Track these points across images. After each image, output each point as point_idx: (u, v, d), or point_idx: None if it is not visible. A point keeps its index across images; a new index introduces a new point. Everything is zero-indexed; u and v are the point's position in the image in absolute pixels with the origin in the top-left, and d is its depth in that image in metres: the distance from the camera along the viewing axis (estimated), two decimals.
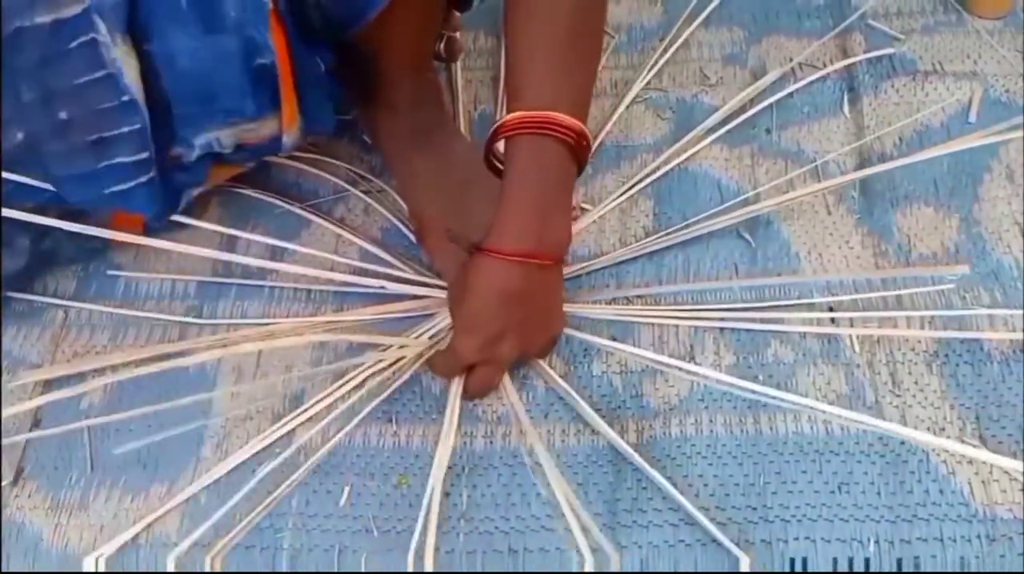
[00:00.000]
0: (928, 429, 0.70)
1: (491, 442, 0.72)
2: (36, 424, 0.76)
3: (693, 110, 0.90)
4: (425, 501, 0.67)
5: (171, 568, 0.67)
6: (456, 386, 0.74)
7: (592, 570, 0.64)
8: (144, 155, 0.72)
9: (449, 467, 0.71)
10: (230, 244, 0.85)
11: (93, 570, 0.68)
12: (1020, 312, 0.74)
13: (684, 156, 0.85)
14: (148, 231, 0.79)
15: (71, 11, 0.65)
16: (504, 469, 0.71)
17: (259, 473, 0.71)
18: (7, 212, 0.72)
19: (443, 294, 0.79)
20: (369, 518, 0.69)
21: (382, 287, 0.80)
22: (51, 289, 0.85)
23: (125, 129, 0.70)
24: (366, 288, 0.81)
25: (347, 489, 0.71)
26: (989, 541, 0.64)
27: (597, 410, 0.72)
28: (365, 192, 0.88)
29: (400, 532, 0.68)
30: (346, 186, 0.88)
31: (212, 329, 0.80)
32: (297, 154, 0.88)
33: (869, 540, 0.65)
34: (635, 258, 0.81)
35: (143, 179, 0.73)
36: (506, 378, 0.74)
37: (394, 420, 0.74)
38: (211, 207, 0.87)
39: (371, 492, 0.70)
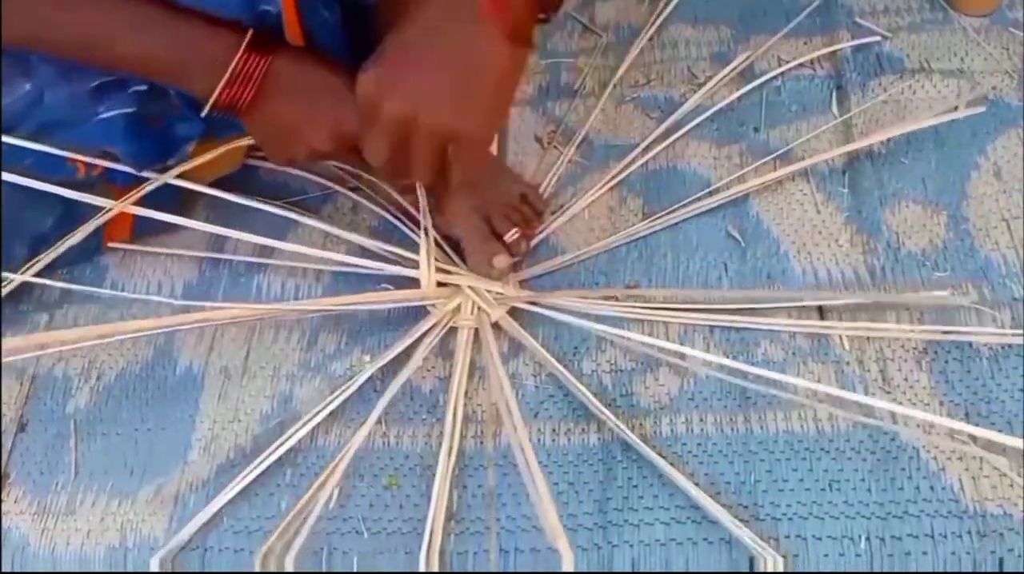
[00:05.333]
0: (918, 425, 0.70)
1: (480, 442, 0.72)
2: (22, 429, 0.76)
3: (681, 109, 0.90)
4: (432, 503, 0.67)
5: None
6: (456, 387, 0.73)
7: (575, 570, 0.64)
8: (142, 87, 0.71)
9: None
10: (218, 246, 0.84)
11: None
12: (1008, 309, 0.74)
13: (667, 144, 0.84)
14: (136, 236, 0.79)
15: None
16: (495, 469, 0.70)
17: (247, 476, 0.71)
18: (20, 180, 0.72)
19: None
20: (359, 519, 0.69)
21: (380, 269, 0.80)
22: (35, 295, 0.84)
23: None
24: (365, 270, 0.80)
25: (336, 491, 0.70)
26: (980, 537, 0.64)
27: (587, 409, 0.72)
28: (353, 190, 0.88)
29: (390, 534, 0.68)
30: (332, 185, 0.88)
31: (199, 331, 0.79)
32: None
33: (860, 537, 0.65)
34: (625, 256, 0.81)
35: (129, 110, 0.73)
36: (500, 371, 0.73)
37: (383, 421, 0.73)
38: (198, 210, 0.86)
39: (360, 493, 0.70)
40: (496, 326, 0.77)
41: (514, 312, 0.78)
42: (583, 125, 0.89)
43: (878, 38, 0.92)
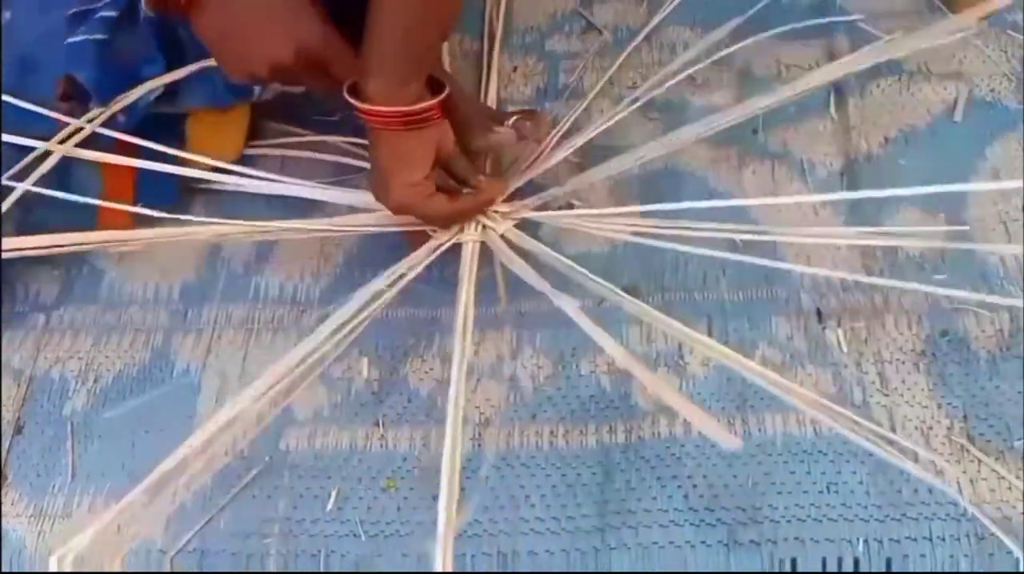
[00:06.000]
0: (916, 428, 0.70)
1: (479, 445, 0.72)
2: (19, 431, 0.75)
3: (680, 111, 0.90)
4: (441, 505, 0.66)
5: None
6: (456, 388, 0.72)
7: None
8: (113, 13, 0.73)
9: (436, 470, 0.70)
10: (215, 251, 0.84)
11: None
12: (1007, 311, 0.74)
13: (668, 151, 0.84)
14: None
15: None
16: (492, 471, 0.70)
17: (245, 479, 0.70)
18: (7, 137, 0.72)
19: None
20: (356, 522, 0.69)
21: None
22: (32, 295, 0.84)
23: None
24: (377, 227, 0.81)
25: (333, 493, 0.70)
26: (978, 539, 0.64)
27: (586, 411, 0.72)
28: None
29: (388, 536, 0.68)
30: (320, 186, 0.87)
31: (196, 334, 0.79)
32: (283, 145, 0.87)
33: (858, 540, 0.65)
34: (622, 257, 0.81)
35: (100, 36, 0.73)
36: (519, 264, 0.73)
37: (381, 423, 0.73)
38: (196, 204, 0.86)
39: (358, 496, 0.70)
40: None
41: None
42: (581, 126, 0.89)
43: (877, 40, 0.92)
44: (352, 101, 0.66)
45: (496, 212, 0.78)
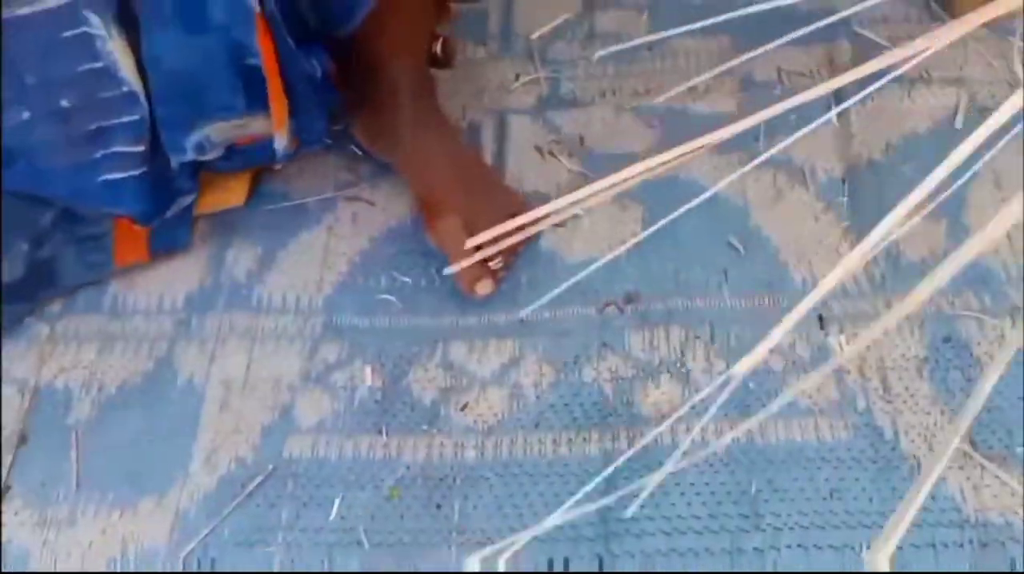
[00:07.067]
0: (919, 434, 0.70)
1: (482, 453, 0.72)
2: (23, 440, 0.76)
3: (681, 119, 0.90)
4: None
5: None
6: None
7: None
8: (141, 147, 0.73)
9: (440, 479, 0.71)
10: (218, 259, 0.84)
11: None
12: (1008, 316, 0.74)
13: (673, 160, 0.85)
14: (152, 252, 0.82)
15: (53, 2, 0.66)
16: (496, 480, 0.70)
17: (249, 487, 0.71)
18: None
19: None
20: (360, 531, 0.69)
21: None
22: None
23: (125, 119, 0.71)
24: None
25: (337, 501, 0.70)
26: (981, 546, 0.64)
27: (588, 418, 0.72)
28: (353, 199, 0.88)
29: (391, 545, 0.68)
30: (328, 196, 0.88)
31: (200, 343, 0.80)
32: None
33: (862, 546, 0.65)
34: (624, 265, 0.81)
35: (136, 172, 0.74)
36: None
37: (384, 431, 0.73)
38: (198, 223, 0.86)
39: (362, 504, 0.70)
40: None
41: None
42: (583, 135, 0.90)
43: (878, 46, 0.92)
44: None
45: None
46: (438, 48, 0.86)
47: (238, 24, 0.69)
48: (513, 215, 0.82)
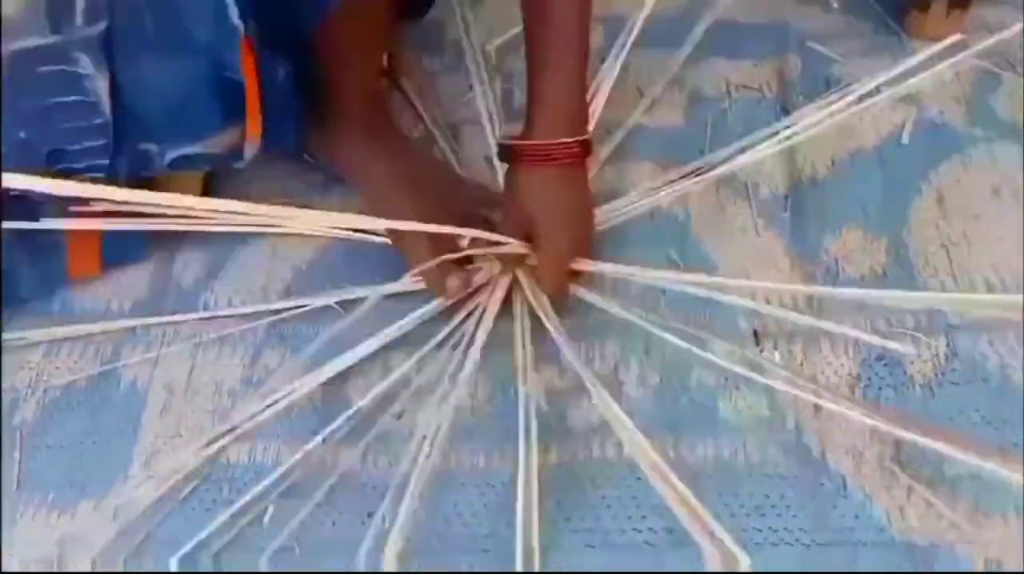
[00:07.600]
0: (847, 453, 0.70)
1: (416, 462, 0.72)
2: None
3: (631, 131, 0.91)
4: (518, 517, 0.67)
5: None
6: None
7: None
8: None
9: (373, 487, 0.71)
10: (167, 265, 0.85)
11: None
12: (944, 336, 0.75)
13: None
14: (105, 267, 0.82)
15: (35, 41, 0.66)
16: (427, 489, 0.71)
17: (185, 491, 0.72)
18: None
19: None
20: (292, 538, 0.69)
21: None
22: None
23: (88, 144, 0.72)
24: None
25: (271, 508, 0.71)
26: (907, 568, 0.64)
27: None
28: (303, 206, 0.88)
29: (324, 553, 0.69)
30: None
31: (144, 346, 0.80)
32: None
33: (787, 565, 0.65)
34: None
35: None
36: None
37: (323, 439, 0.74)
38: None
39: (295, 511, 0.70)
40: None
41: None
42: None
43: (829, 60, 0.92)
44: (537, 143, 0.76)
45: None
46: (385, 59, 0.87)
47: (223, 44, 0.69)
48: (479, 204, 0.83)
